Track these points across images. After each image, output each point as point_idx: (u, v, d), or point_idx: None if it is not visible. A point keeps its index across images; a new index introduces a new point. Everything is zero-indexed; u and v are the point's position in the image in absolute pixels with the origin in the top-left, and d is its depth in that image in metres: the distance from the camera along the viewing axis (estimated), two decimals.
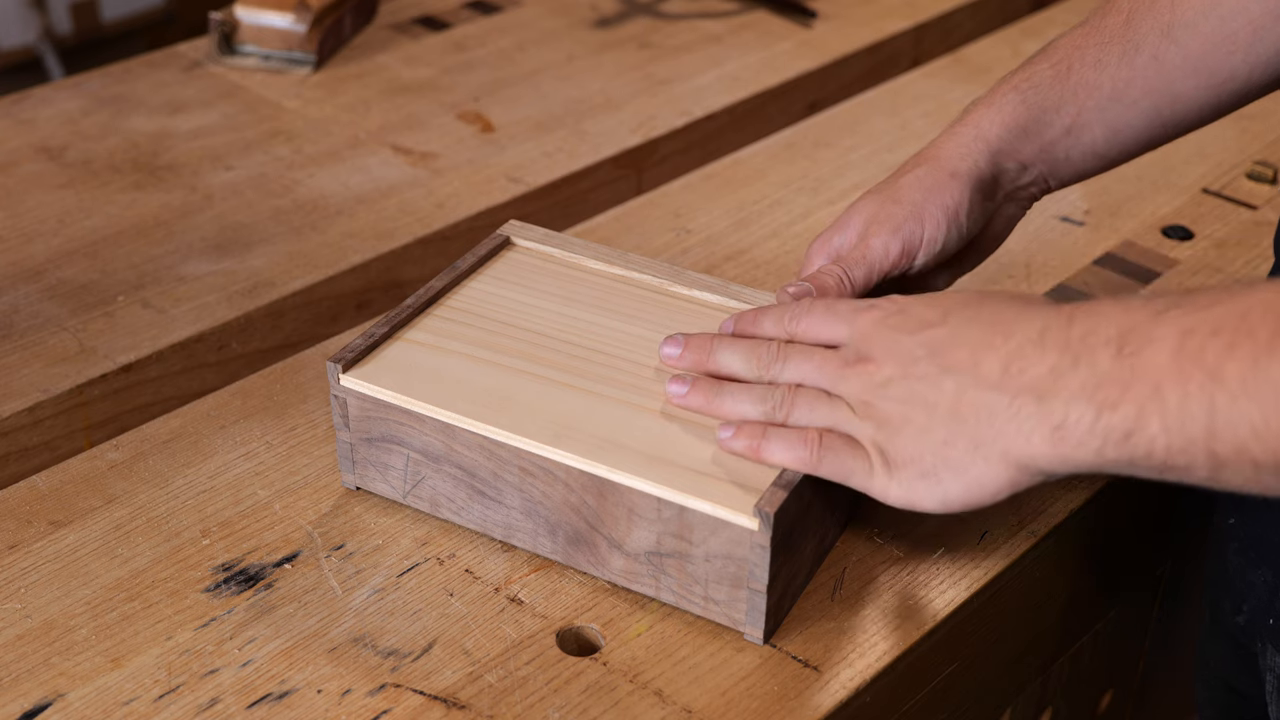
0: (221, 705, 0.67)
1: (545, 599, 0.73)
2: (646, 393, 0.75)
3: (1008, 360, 0.61)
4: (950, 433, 0.63)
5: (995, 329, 0.63)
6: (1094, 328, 0.59)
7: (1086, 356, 0.59)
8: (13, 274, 1.00)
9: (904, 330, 0.66)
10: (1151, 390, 0.56)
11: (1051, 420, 0.59)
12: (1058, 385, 0.59)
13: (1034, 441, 0.60)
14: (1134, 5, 0.80)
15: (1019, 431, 0.61)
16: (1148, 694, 1.13)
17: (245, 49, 1.30)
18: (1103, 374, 0.58)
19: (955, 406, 0.63)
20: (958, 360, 0.63)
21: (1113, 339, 0.58)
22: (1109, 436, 0.58)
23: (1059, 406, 0.59)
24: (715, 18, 1.42)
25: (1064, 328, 0.60)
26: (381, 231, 1.06)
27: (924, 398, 0.64)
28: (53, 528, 0.78)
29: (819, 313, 0.70)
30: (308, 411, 0.86)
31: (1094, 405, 0.58)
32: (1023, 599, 0.81)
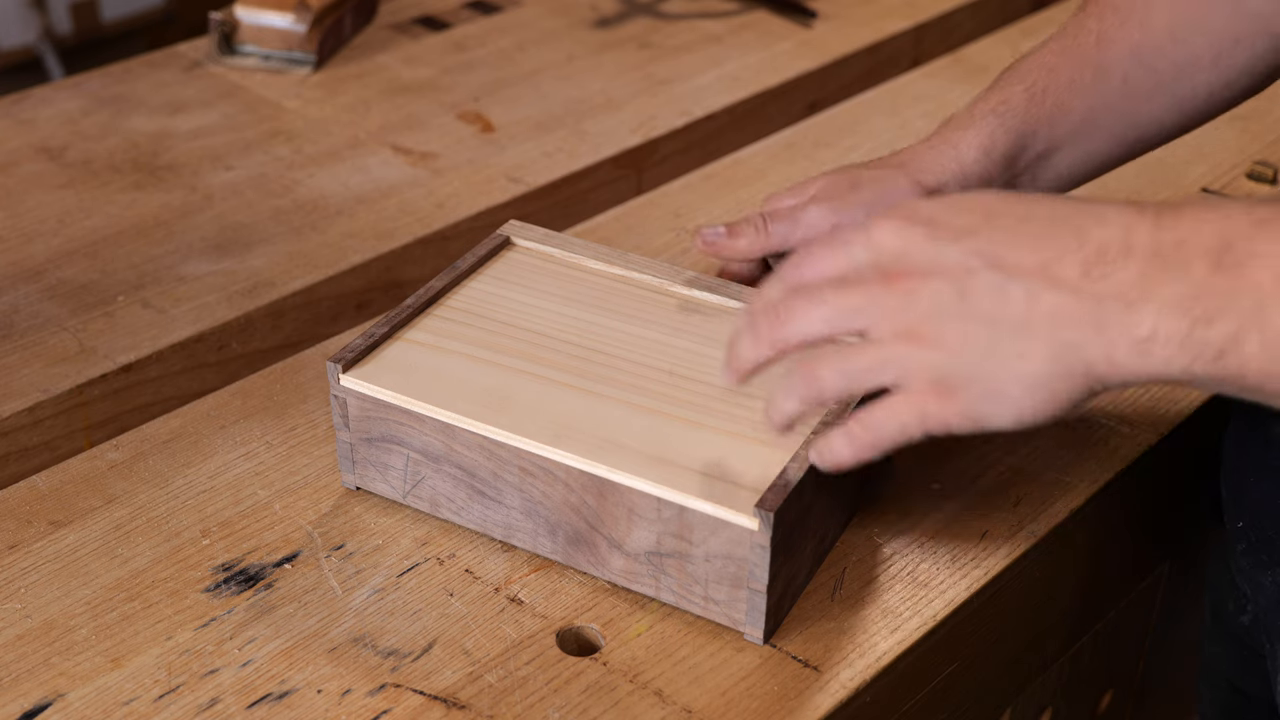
0: (221, 705, 0.67)
1: (545, 599, 0.73)
2: (646, 393, 0.75)
3: (1087, 264, 0.55)
4: (1024, 346, 0.56)
5: (1063, 229, 0.56)
6: (1188, 235, 0.54)
7: (1180, 265, 0.53)
8: (13, 274, 1.00)
9: (943, 239, 0.57)
10: (1254, 307, 0.52)
11: (1140, 331, 0.54)
12: (1148, 293, 0.54)
13: (1119, 352, 0.55)
14: (1104, 26, 0.80)
15: (1103, 340, 0.55)
16: (1148, 694, 1.13)
17: (245, 49, 1.30)
18: (1199, 285, 0.53)
19: (1027, 316, 0.56)
20: (1024, 265, 0.56)
21: (1211, 249, 0.53)
22: (1202, 353, 0.53)
23: (1149, 317, 0.54)
24: (715, 18, 1.42)
25: (1151, 230, 0.55)
26: (381, 231, 1.06)
27: (987, 311, 0.56)
28: (53, 528, 0.78)
29: (818, 249, 0.61)
30: (308, 411, 0.86)
31: (1189, 318, 0.53)
32: (1023, 599, 0.81)
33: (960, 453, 0.84)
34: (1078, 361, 0.55)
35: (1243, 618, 0.86)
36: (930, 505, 0.80)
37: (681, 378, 0.76)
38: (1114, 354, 0.55)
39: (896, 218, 0.58)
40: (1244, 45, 0.79)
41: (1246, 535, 0.81)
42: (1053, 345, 0.56)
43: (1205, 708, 0.99)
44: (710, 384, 0.76)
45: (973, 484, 0.81)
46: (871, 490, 0.81)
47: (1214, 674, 0.96)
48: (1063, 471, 0.83)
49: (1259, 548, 0.80)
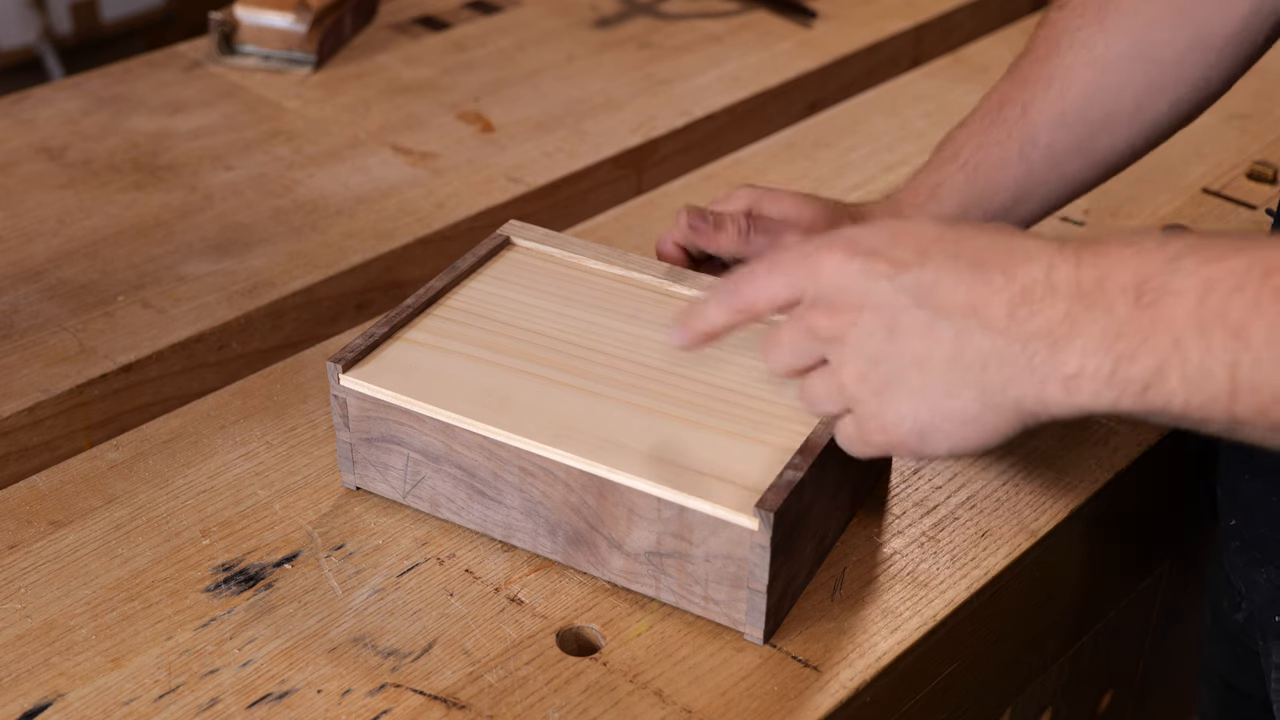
0: (221, 705, 0.67)
1: (545, 599, 0.73)
2: (646, 393, 0.75)
3: (1013, 304, 0.57)
4: (951, 384, 0.58)
5: (990, 267, 0.57)
6: (1107, 272, 0.56)
7: (1103, 303, 0.55)
8: (13, 274, 1.00)
9: (878, 274, 0.59)
10: (1171, 344, 0.54)
11: (1066, 369, 0.56)
12: (1073, 332, 0.55)
13: (1048, 390, 0.56)
14: (1028, 95, 0.83)
15: (1032, 379, 0.56)
16: (1148, 694, 1.13)
17: (245, 49, 1.30)
18: (1121, 323, 0.55)
19: (956, 356, 0.58)
20: (952, 304, 0.58)
21: (1129, 287, 0.55)
22: (1126, 388, 0.55)
23: (1074, 355, 0.55)
24: (715, 18, 1.42)
25: (1073, 268, 0.56)
26: (381, 231, 1.06)
27: (916, 350, 0.58)
28: (53, 528, 0.78)
29: (760, 273, 0.63)
30: (308, 411, 0.86)
31: (1111, 356, 0.55)
32: (1023, 599, 0.81)
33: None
34: (1007, 400, 0.57)
35: (1237, 615, 0.86)
36: (930, 505, 0.80)
37: (681, 378, 0.76)
38: (1043, 392, 0.57)
39: (838, 249, 0.60)
40: (1163, 94, 0.82)
41: (1240, 533, 0.81)
42: (981, 385, 0.58)
43: (1204, 706, 0.99)
44: (710, 384, 0.76)
45: (973, 484, 0.82)
46: (871, 490, 0.81)
47: (1211, 672, 0.96)
48: (1063, 471, 0.83)
49: (1252, 546, 0.80)
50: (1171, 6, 0.80)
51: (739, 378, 0.76)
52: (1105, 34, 0.82)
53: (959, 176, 0.84)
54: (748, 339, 0.79)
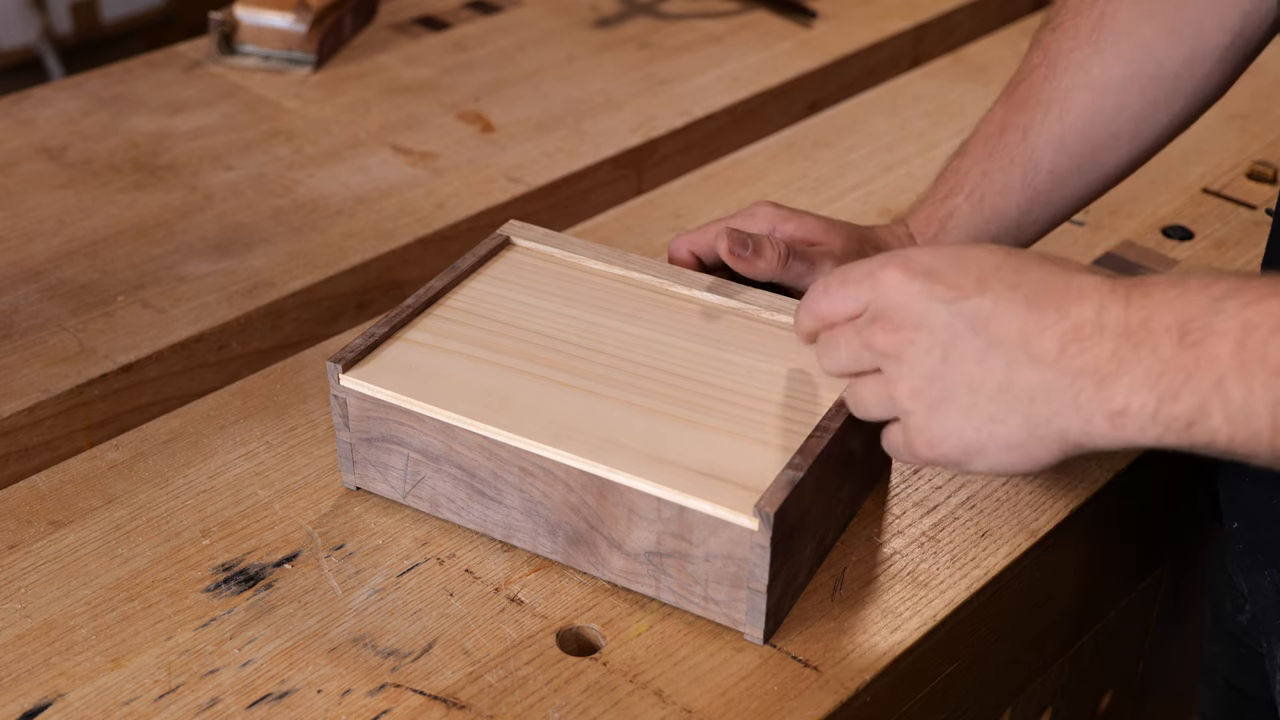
0: (221, 705, 0.67)
1: (545, 599, 0.73)
2: (646, 393, 0.75)
3: (1064, 340, 0.59)
4: (999, 410, 0.61)
5: (1045, 303, 0.60)
6: (1154, 313, 0.58)
7: (1148, 343, 0.57)
8: (13, 274, 1.00)
9: (937, 297, 0.61)
10: (1214, 383, 0.56)
11: (1113, 405, 0.58)
12: (1120, 370, 0.58)
13: (1094, 424, 0.59)
14: (1027, 120, 0.84)
15: (1078, 414, 0.59)
16: (1148, 694, 1.13)
17: (245, 49, 1.30)
18: (1165, 363, 0.57)
19: (1005, 384, 0.60)
20: (1006, 337, 0.60)
21: (1173, 327, 0.57)
22: (1171, 425, 0.57)
23: (1120, 393, 0.58)
24: (715, 18, 1.42)
25: (1123, 309, 0.58)
26: (381, 231, 1.06)
27: (968, 375, 0.61)
28: (53, 528, 0.78)
29: (832, 287, 0.67)
30: (308, 411, 0.86)
31: (1155, 394, 0.57)
32: (1023, 599, 0.81)
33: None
34: (1051, 431, 0.60)
35: (1240, 617, 0.86)
36: (930, 505, 0.80)
37: (681, 378, 0.76)
38: (1088, 427, 0.59)
39: (898, 268, 0.63)
40: (1162, 109, 0.83)
41: (1243, 536, 0.81)
42: (1027, 415, 0.60)
43: (1205, 706, 0.99)
44: (710, 384, 0.76)
45: (973, 484, 0.81)
46: (871, 490, 0.81)
47: (1213, 673, 0.96)
48: (1063, 471, 0.83)
49: (1255, 549, 0.80)
50: (1165, 26, 0.81)
51: (739, 378, 0.76)
52: (1101, 56, 0.82)
53: (965, 207, 0.85)
54: (748, 340, 0.79)
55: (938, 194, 0.87)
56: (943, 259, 0.63)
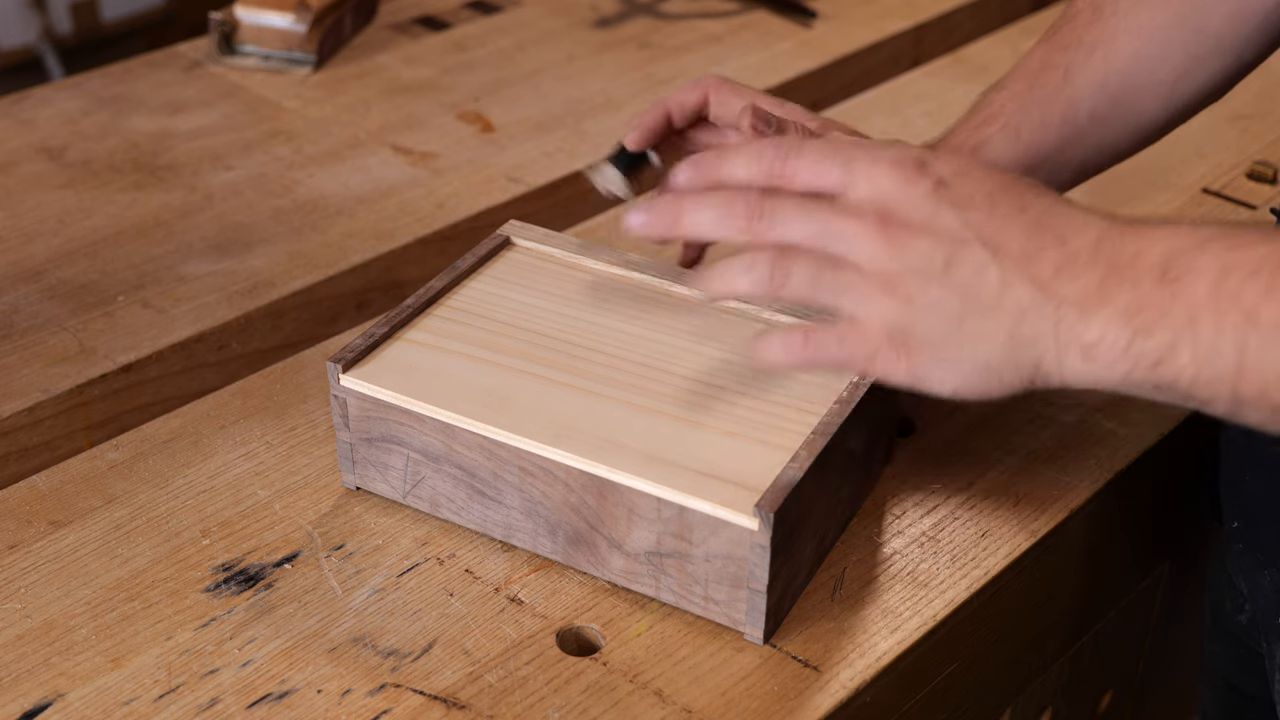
0: (221, 705, 0.67)
1: (545, 599, 0.73)
2: (646, 393, 0.75)
3: (1060, 265, 0.59)
4: (987, 327, 0.60)
5: (1049, 228, 0.60)
6: (1144, 248, 0.58)
7: (1131, 277, 0.58)
8: (13, 274, 1.00)
9: (947, 201, 0.60)
10: (1186, 321, 0.56)
11: (1088, 337, 0.58)
12: (1101, 302, 0.58)
13: (1068, 355, 0.59)
14: (1070, 59, 0.82)
15: (1056, 341, 0.59)
16: (1148, 694, 1.13)
17: (245, 49, 1.30)
18: (1144, 297, 0.57)
19: (998, 301, 0.59)
20: (1009, 251, 0.59)
21: (1157, 264, 0.57)
22: (1139, 361, 0.57)
23: (1097, 325, 0.58)
24: (715, 18, 1.42)
25: (1118, 241, 0.59)
26: (381, 231, 1.06)
27: (965, 284, 0.59)
28: (53, 528, 0.78)
29: (812, 151, 0.62)
30: (308, 411, 0.86)
31: (1130, 328, 0.57)
32: (1023, 599, 0.81)
33: (959, 452, 0.84)
34: (1028, 355, 0.59)
35: (1240, 617, 0.86)
36: (930, 505, 0.80)
37: (681, 378, 0.76)
38: (1063, 357, 0.59)
39: (908, 166, 0.60)
40: (1203, 65, 0.82)
41: (1242, 535, 0.81)
42: (1012, 335, 0.59)
43: (1205, 706, 0.99)
44: (710, 384, 0.76)
45: (972, 484, 0.81)
46: (871, 490, 0.81)
47: (1213, 673, 0.96)
48: (1062, 471, 0.83)
49: (1255, 548, 0.80)
50: None
51: (739, 378, 0.76)
52: (1149, 3, 0.81)
53: (999, 138, 0.83)
54: (748, 340, 0.79)
55: (971, 122, 0.84)
56: (952, 167, 0.61)
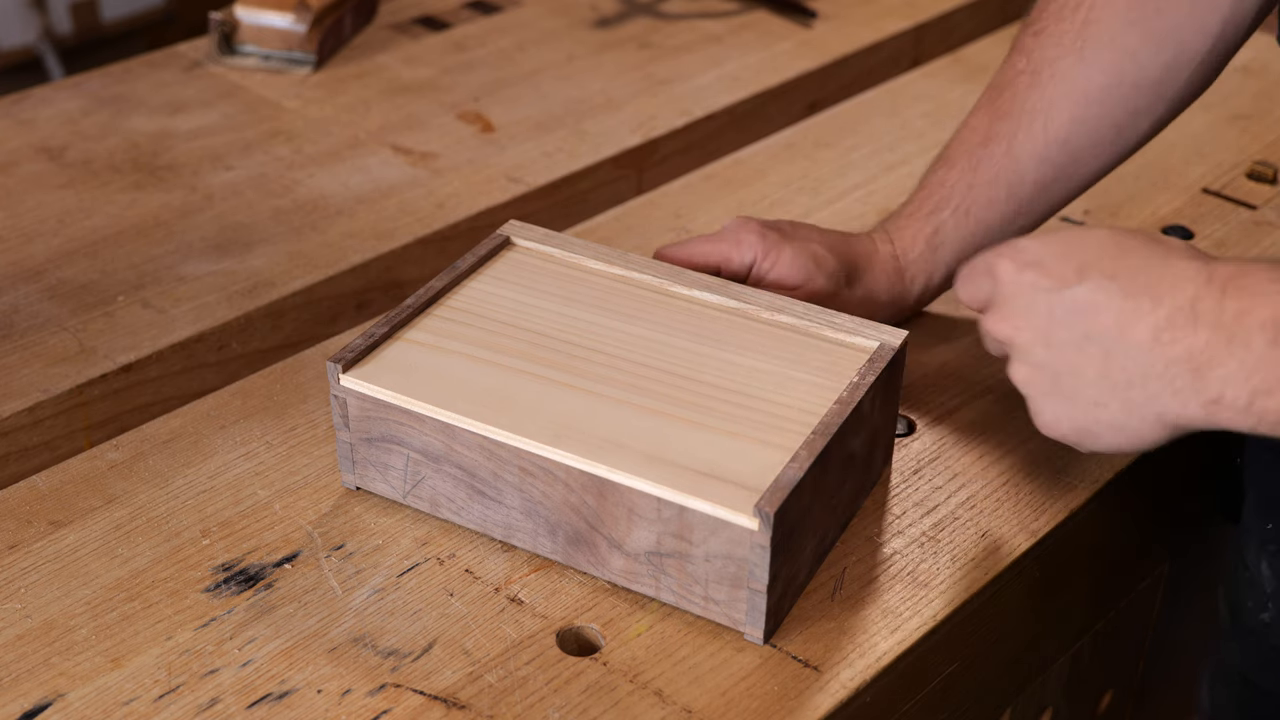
0: (221, 705, 0.67)
1: (545, 599, 0.73)
2: (646, 393, 0.75)
3: (1158, 329, 0.61)
4: (1100, 394, 0.64)
5: (1141, 291, 0.62)
6: (1249, 307, 0.59)
7: (1242, 337, 0.59)
8: (13, 274, 1.00)
9: (1040, 287, 0.65)
10: None
11: (1208, 394, 0.60)
12: (1213, 361, 0.60)
13: (1190, 409, 0.61)
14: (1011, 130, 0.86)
15: (1175, 398, 0.61)
16: (1148, 694, 1.13)
17: (245, 49, 1.30)
18: (1258, 358, 0.58)
19: (1104, 370, 0.63)
20: (1102, 325, 0.63)
21: (1268, 323, 0.59)
22: (1264, 417, 0.59)
23: (1215, 384, 0.60)
24: (715, 18, 1.42)
25: (1217, 300, 0.60)
26: (381, 231, 1.06)
27: (1069, 362, 0.64)
28: (53, 528, 0.78)
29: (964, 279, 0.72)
30: (308, 411, 0.86)
31: (1249, 388, 0.59)
32: (1023, 599, 0.81)
33: (959, 452, 0.84)
34: (1151, 413, 0.63)
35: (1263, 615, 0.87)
36: (930, 505, 0.80)
37: (681, 378, 0.76)
38: (1185, 411, 0.62)
39: (1009, 260, 0.67)
40: (1144, 117, 0.84)
41: (1275, 537, 0.81)
42: (1125, 399, 0.63)
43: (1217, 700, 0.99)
44: (710, 384, 0.76)
45: (973, 484, 0.82)
46: (871, 490, 0.81)
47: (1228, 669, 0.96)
48: (1062, 471, 0.83)
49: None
50: (1148, 33, 0.82)
51: (739, 378, 0.76)
52: (1085, 66, 0.83)
53: (951, 222, 0.88)
54: (748, 340, 0.79)
55: (924, 208, 0.89)
56: (1049, 248, 0.66)
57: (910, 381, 0.89)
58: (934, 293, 0.91)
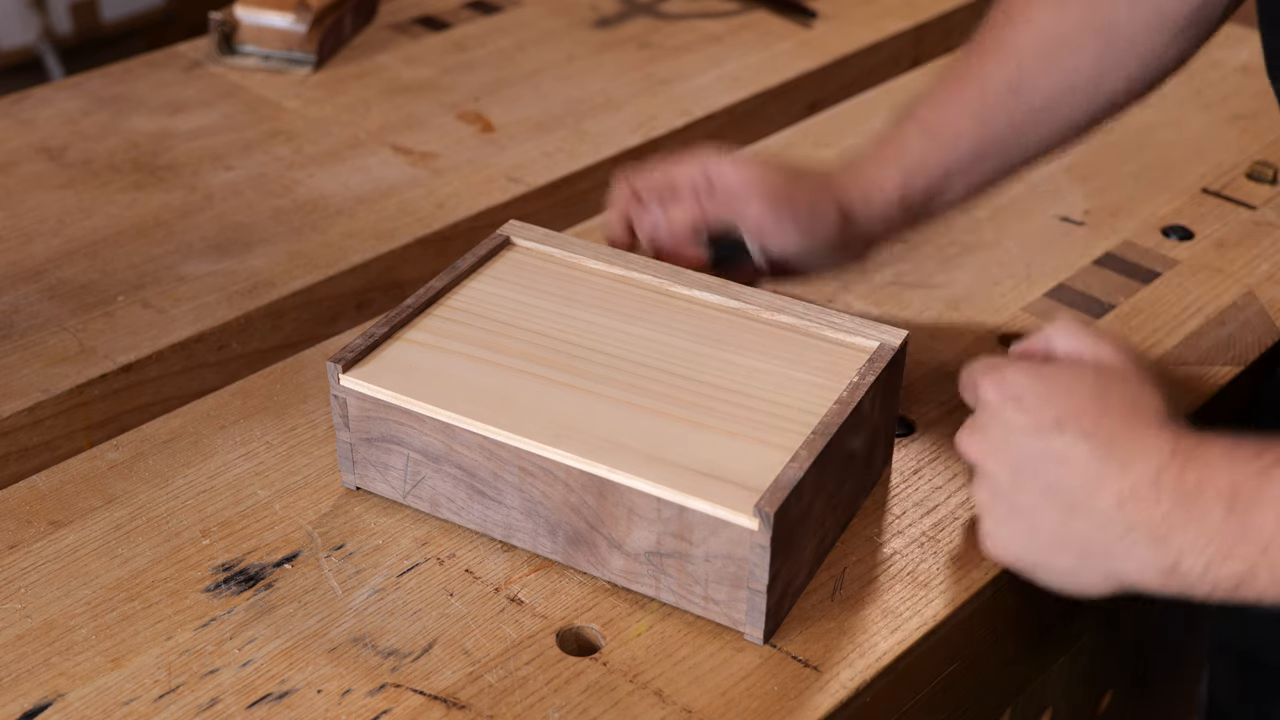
0: (221, 705, 0.67)
1: (545, 599, 0.73)
2: (646, 393, 0.75)
3: (1122, 497, 0.63)
4: (1057, 542, 0.66)
5: (1112, 456, 0.64)
6: (1207, 479, 0.62)
7: (1199, 509, 0.61)
8: (13, 274, 1.00)
9: (1016, 426, 0.67)
10: (1260, 550, 0.60)
11: (1165, 562, 0.62)
12: (1171, 532, 0.62)
13: (1146, 576, 0.64)
14: (984, 70, 0.86)
15: (1131, 563, 0.64)
16: (1148, 694, 1.13)
17: (245, 49, 1.30)
18: (1214, 529, 0.61)
19: (1065, 521, 0.65)
20: (1069, 481, 0.65)
21: (1223, 493, 0.61)
22: (1219, 585, 0.61)
23: (1171, 553, 0.62)
24: (715, 18, 1.42)
25: (1179, 473, 0.62)
26: (381, 231, 1.06)
27: (1031, 504, 0.66)
28: (53, 528, 0.78)
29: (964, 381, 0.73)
30: (308, 411, 0.86)
31: (1204, 558, 0.61)
32: (1023, 599, 0.81)
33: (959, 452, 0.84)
34: (1103, 570, 0.65)
35: None
36: (930, 505, 0.80)
37: (682, 378, 0.76)
38: (1142, 576, 0.64)
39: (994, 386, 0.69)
40: (1119, 70, 0.85)
41: None
42: (1083, 553, 0.65)
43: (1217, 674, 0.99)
44: (710, 384, 0.76)
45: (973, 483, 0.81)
46: (871, 490, 0.81)
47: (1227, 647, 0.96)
48: None
49: None
50: None
51: (739, 378, 0.76)
52: (1059, 12, 0.84)
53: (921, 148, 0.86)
54: (748, 340, 0.79)
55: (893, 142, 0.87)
56: (1033, 385, 0.68)
57: (910, 381, 0.90)
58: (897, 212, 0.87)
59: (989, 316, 0.96)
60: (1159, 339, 0.94)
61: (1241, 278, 1.01)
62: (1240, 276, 1.01)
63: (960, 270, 1.01)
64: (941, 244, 1.04)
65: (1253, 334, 0.95)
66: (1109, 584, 0.65)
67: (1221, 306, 0.98)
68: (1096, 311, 0.97)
